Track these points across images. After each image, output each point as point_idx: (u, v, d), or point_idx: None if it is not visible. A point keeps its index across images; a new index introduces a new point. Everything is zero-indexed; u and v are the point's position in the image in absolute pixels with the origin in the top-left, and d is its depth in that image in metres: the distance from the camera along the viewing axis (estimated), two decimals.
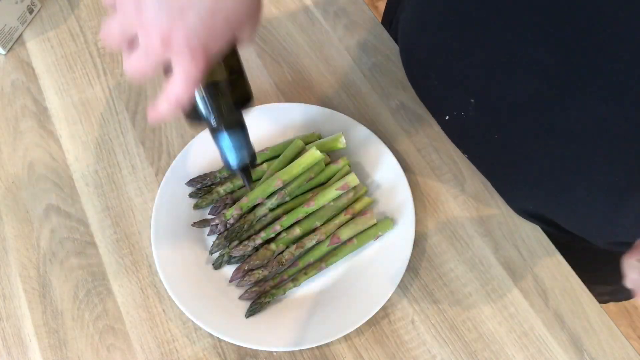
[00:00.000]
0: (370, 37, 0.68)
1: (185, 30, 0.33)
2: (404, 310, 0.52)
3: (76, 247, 0.56)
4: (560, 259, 0.55)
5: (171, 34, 0.32)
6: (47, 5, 0.71)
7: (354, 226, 0.54)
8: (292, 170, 0.55)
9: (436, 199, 0.58)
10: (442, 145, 0.61)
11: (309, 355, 0.51)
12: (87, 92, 0.65)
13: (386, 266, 0.52)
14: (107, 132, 0.62)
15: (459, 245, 0.55)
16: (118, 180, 0.59)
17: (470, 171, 0.59)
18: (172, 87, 0.35)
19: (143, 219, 0.57)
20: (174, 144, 0.61)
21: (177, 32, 0.32)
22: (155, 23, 0.32)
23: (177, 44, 0.33)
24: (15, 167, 0.60)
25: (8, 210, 0.58)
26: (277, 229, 0.54)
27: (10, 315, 0.53)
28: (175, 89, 0.35)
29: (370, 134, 0.59)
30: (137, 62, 0.34)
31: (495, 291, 0.53)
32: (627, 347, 0.51)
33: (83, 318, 0.53)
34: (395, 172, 0.57)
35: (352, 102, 0.63)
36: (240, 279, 0.52)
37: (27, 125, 0.63)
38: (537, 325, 0.52)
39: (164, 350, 0.51)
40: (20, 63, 0.67)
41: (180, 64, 0.34)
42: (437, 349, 0.51)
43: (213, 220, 0.54)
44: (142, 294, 0.54)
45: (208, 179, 0.57)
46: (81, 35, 0.68)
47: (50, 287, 0.54)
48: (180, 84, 0.34)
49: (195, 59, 0.34)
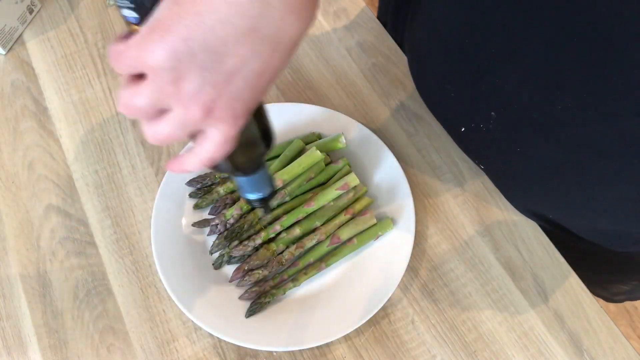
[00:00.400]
0: (370, 37, 0.68)
1: (230, 98, 0.30)
2: (404, 310, 0.52)
3: (76, 247, 0.56)
4: (560, 259, 0.55)
5: (214, 104, 0.29)
6: (47, 5, 0.71)
7: (354, 226, 0.54)
8: (292, 170, 0.55)
9: (436, 199, 0.58)
10: (442, 145, 0.61)
11: (309, 355, 0.51)
12: (87, 92, 0.65)
13: (386, 266, 0.52)
14: (107, 132, 0.62)
15: (459, 245, 0.55)
16: (118, 180, 0.59)
17: (470, 171, 0.59)
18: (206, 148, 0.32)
19: (143, 219, 0.57)
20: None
21: (221, 101, 0.29)
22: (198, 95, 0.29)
23: (219, 112, 0.30)
24: (15, 167, 0.60)
25: (8, 210, 0.58)
26: (277, 229, 0.54)
27: (10, 315, 0.53)
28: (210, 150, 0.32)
29: (370, 134, 0.59)
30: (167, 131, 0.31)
31: (495, 291, 0.53)
32: (627, 347, 0.51)
33: (83, 318, 0.53)
34: (395, 172, 0.57)
35: (352, 102, 0.63)
36: (240, 279, 0.52)
37: (27, 125, 0.63)
38: (537, 325, 0.52)
39: (164, 350, 0.51)
40: (20, 63, 0.67)
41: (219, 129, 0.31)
42: (437, 349, 0.51)
43: (213, 220, 0.54)
44: (142, 294, 0.54)
45: (208, 179, 0.57)
46: (81, 35, 0.68)
47: (50, 287, 0.54)
48: (216, 146, 0.31)
49: (236, 123, 0.31)
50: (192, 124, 0.30)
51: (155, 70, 0.28)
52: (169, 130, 0.31)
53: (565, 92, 0.39)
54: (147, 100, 0.29)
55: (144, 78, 0.29)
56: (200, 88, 0.29)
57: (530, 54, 0.40)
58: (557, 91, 0.40)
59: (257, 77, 0.30)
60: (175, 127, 0.30)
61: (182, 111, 0.30)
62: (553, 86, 0.40)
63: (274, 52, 0.30)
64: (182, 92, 0.29)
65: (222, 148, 0.32)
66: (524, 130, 0.45)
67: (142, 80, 0.29)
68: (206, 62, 0.28)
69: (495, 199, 0.58)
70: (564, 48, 0.37)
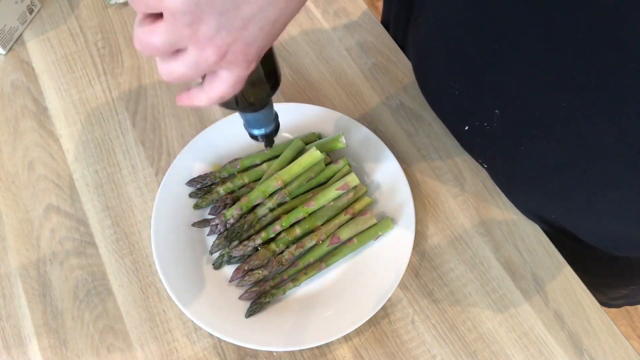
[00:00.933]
0: (370, 37, 0.68)
1: (244, 43, 0.31)
2: (404, 310, 0.52)
3: (76, 247, 0.56)
4: (560, 259, 0.55)
5: (229, 48, 0.31)
6: (47, 5, 0.71)
7: (354, 226, 0.54)
8: (292, 170, 0.55)
9: (436, 199, 0.58)
10: (442, 145, 0.61)
11: (309, 355, 0.51)
12: (87, 92, 0.65)
13: (386, 266, 0.52)
14: (107, 132, 0.62)
15: (459, 245, 0.55)
16: (118, 180, 0.59)
17: (470, 171, 0.59)
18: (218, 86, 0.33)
19: (143, 219, 0.57)
20: (174, 144, 0.61)
21: (235, 45, 0.31)
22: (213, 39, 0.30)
23: (233, 56, 0.31)
24: (15, 167, 0.60)
25: (8, 210, 0.58)
26: (277, 229, 0.54)
27: (10, 315, 0.53)
28: (221, 89, 0.33)
29: (370, 134, 0.59)
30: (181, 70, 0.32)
31: (495, 291, 0.53)
32: (627, 347, 0.51)
33: (83, 318, 0.53)
34: (395, 172, 0.57)
35: (352, 102, 0.63)
36: (240, 279, 0.52)
37: (27, 125, 0.63)
38: (537, 325, 0.52)
39: (164, 350, 0.51)
40: (20, 63, 0.67)
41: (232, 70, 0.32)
42: (437, 349, 0.51)
43: (213, 220, 0.54)
44: (142, 294, 0.54)
45: (208, 179, 0.57)
46: (81, 35, 0.68)
47: (50, 287, 0.54)
48: (228, 85, 0.33)
49: (248, 67, 0.32)
50: (205, 66, 0.31)
51: (174, 12, 0.29)
52: (183, 70, 0.32)
53: (568, 89, 0.39)
54: (163, 40, 0.30)
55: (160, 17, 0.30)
56: (216, 32, 0.30)
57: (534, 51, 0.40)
58: (560, 89, 0.40)
59: (272, 24, 0.31)
60: (189, 67, 0.31)
61: (197, 53, 0.31)
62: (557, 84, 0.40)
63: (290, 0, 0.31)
64: (198, 34, 0.30)
65: (233, 89, 0.33)
66: (528, 129, 0.45)
67: (158, 19, 0.30)
68: (224, 8, 0.29)
69: (495, 199, 0.58)
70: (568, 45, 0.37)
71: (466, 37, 0.45)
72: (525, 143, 0.46)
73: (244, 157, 0.58)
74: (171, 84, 0.65)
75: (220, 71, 0.32)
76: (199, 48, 0.30)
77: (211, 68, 0.32)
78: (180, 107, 0.63)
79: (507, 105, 0.45)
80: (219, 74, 0.33)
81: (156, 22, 0.30)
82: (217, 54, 0.31)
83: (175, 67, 0.32)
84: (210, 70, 0.32)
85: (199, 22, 0.29)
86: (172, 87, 0.65)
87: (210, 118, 0.63)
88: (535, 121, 0.44)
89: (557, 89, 0.40)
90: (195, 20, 0.29)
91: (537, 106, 0.43)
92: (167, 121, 0.62)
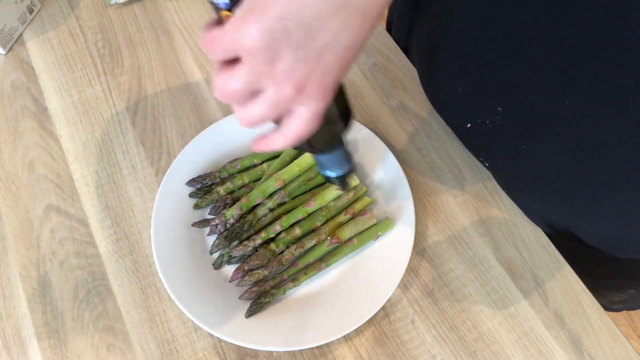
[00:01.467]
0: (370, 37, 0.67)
1: (321, 74, 0.30)
2: (404, 310, 0.52)
3: (76, 247, 0.56)
4: (560, 259, 0.55)
5: (306, 81, 0.30)
6: (47, 5, 0.71)
7: (354, 226, 0.54)
8: (292, 170, 0.55)
9: (436, 198, 0.58)
10: (442, 145, 0.61)
11: (309, 355, 0.51)
12: (87, 92, 0.65)
13: (386, 266, 0.52)
14: (107, 132, 0.62)
15: (459, 245, 0.55)
16: (118, 180, 0.59)
17: (470, 171, 0.59)
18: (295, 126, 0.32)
19: (143, 219, 0.57)
20: (174, 144, 0.61)
21: (313, 77, 0.30)
22: (291, 74, 0.29)
23: (310, 90, 0.30)
24: (15, 167, 0.60)
25: (8, 210, 0.58)
26: (277, 229, 0.54)
27: (10, 315, 0.53)
28: (298, 128, 0.32)
29: (370, 134, 0.59)
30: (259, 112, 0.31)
31: (495, 291, 0.53)
32: (627, 347, 0.51)
33: (83, 318, 0.53)
34: (395, 172, 0.57)
35: (352, 102, 0.63)
36: (240, 279, 0.52)
37: (27, 125, 0.63)
38: (537, 325, 0.52)
39: (164, 350, 0.51)
40: (20, 63, 0.67)
41: (308, 105, 0.31)
42: (437, 349, 0.51)
43: (213, 220, 0.54)
44: (142, 294, 0.54)
45: (208, 179, 0.57)
46: (81, 35, 0.69)
47: (50, 287, 0.54)
48: (304, 124, 0.32)
49: (325, 99, 0.32)
50: (284, 103, 0.31)
51: (252, 52, 0.28)
52: (262, 111, 0.31)
53: (572, 88, 0.39)
54: (243, 83, 0.30)
55: (237, 62, 0.30)
56: (293, 66, 0.29)
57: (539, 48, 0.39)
58: (564, 87, 0.40)
59: (346, 51, 0.30)
60: (267, 107, 0.31)
61: (275, 90, 0.30)
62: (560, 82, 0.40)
63: (363, 23, 0.30)
64: (276, 71, 0.29)
65: (310, 125, 0.32)
66: (531, 127, 0.45)
67: (235, 64, 0.30)
68: (300, 40, 0.29)
69: (495, 199, 0.58)
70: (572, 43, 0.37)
71: (471, 34, 0.45)
72: (528, 141, 0.46)
73: (244, 157, 0.58)
74: (173, 88, 0.65)
75: (297, 108, 0.32)
76: (277, 85, 0.30)
77: (289, 105, 0.31)
78: (181, 107, 0.63)
79: (510, 102, 0.45)
80: (295, 111, 0.32)
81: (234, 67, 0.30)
82: (295, 89, 0.30)
83: (254, 110, 0.31)
84: (287, 108, 0.31)
85: (276, 57, 0.29)
86: (172, 87, 0.65)
87: (210, 118, 0.63)
88: (538, 119, 0.44)
89: (561, 87, 0.40)
90: (273, 57, 0.29)
91: (540, 104, 0.42)
92: (167, 121, 0.62)
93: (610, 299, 0.69)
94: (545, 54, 0.39)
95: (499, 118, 0.47)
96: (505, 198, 0.58)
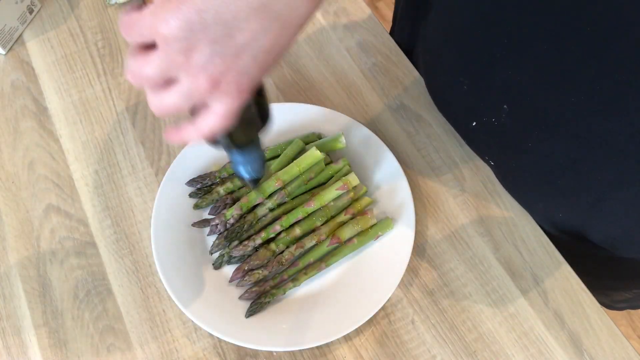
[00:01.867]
0: (370, 37, 0.68)
1: (237, 72, 0.31)
2: (404, 310, 0.52)
3: (76, 247, 0.56)
4: (560, 259, 0.55)
5: (222, 78, 0.30)
6: (47, 5, 0.71)
7: (354, 226, 0.54)
8: (292, 170, 0.55)
9: (436, 199, 0.58)
10: (442, 145, 0.61)
11: (309, 355, 0.51)
12: (87, 92, 0.65)
13: (386, 266, 0.52)
14: (107, 132, 0.62)
15: (459, 245, 0.55)
16: (118, 180, 0.59)
17: (470, 171, 0.59)
18: (208, 121, 0.32)
19: (143, 219, 0.57)
20: (175, 145, 0.61)
21: (228, 75, 0.30)
22: (206, 67, 0.30)
23: (225, 86, 0.31)
24: (15, 167, 0.60)
25: (8, 210, 0.58)
26: (277, 229, 0.54)
27: (10, 315, 0.53)
28: (211, 123, 0.32)
29: (370, 134, 0.59)
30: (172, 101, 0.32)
31: (495, 291, 0.53)
32: (627, 347, 0.51)
33: (83, 318, 0.53)
34: (395, 172, 0.57)
35: (352, 102, 0.63)
36: (240, 279, 0.52)
37: (27, 125, 0.63)
38: (537, 325, 0.52)
39: (164, 350, 0.51)
40: (20, 63, 0.67)
41: (223, 102, 0.32)
42: (437, 349, 0.51)
43: (213, 220, 0.54)
44: (142, 294, 0.54)
45: (208, 179, 0.57)
46: (81, 35, 0.69)
47: (50, 287, 0.54)
48: (217, 119, 0.32)
49: (240, 97, 0.32)
50: (197, 95, 0.31)
51: (168, 40, 0.29)
52: (175, 101, 0.31)
53: (577, 86, 0.39)
54: (157, 70, 0.30)
55: (153, 48, 0.30)
56: (209, 60, 0.30)
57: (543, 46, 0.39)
58: (569, 85, 0.40)
59: (265, 54, 0.31)
60: (181, 97, 0.31)
61: (189, 81, 0.30)
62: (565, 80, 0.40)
63: (283, 29, 0.31)
64: (191, 62, 0.30)
65: (223, 121, 0.32)
66: (536, 125, 0.45)
67: (151, 50, 0.30)
68: (217, 35, 0.29)
69: (495, 199, 0.58)
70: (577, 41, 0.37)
71: (475, 31, 0.45)
72: (533, 139, 0.46)
73: None
74: None
75: (212, 103, 0.32)
76: (191, 76, 0.30)
77: (203, 98, 0.31)
78: None
79: (515, 100, 0.45)
80: (210, 106, 0.32)
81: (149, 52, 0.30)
82: (209, 83, 0.30)
83: (167, 99, 0.32)
84: (201, 101, 0.32)
85: (192, 49, 0.29)
86: None
87: None
88: (543, 117, 0.44)
89: (566, 85, 0.40)
90: (189, 47, 0.29)
91: (546, 102, 0.42)
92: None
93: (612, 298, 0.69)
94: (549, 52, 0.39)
95: (505, 116, 0.47)
96: (506, 198, 0.58)
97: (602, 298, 0.55)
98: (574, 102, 0.40)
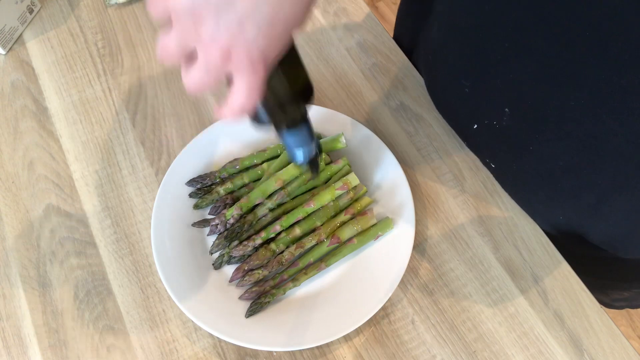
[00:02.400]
0: (370, 37, 0.68)
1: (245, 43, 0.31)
2: (404, 310, 0.52)
3: (76, 247, 0.56)
4: (560, 259, 0.55)
5: (231, 49, 0.31)
6: (47, 5, 0.71)
7: (354, 226, 0.54)
8: (292, 170, 0.55)
9: (436, 199, 0.58)
10: (442, 145, 0.61)
11: (309, 355, 0.51)
12: (87, 92, 0.65)
13: (386, 266, 0.52)
14: (107, 132, 0.62)
15: (459, 245, 0.55)
16: (118, 180, 0.59)
17: (470, 171, 0.59)
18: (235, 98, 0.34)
19: (143, 219, 0.57)
20: (174, 144, 0.61)
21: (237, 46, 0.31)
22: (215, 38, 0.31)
23: (237, 58, 0.32)
24: (15, 167, 0.60)
25: (8, 210, 0.58)
26: (277, 229, 0.54)
27: (10, 315, 0.53)
28: (238, 100, 0.33)
29: (370, 134, 0.59)
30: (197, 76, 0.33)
31: (495, 291, 0.53)
32: (627, 347, 0.51)
33: (83, 318, 0.53)
34: (395, 172, 0.57)
35: (352, 102, 0.63)
36: (240, 279, 0.52)
37: (27, 125, 0.63)
38: (537, 325, 0.52)
39: (164, 350, 0.51)
40: (20, 63, 0.67)
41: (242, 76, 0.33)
42: (437, 349, 0.51)
43: (213, 220, 0.54)
44: (142, 294, 0.54)
45: (208, 179, 0.57)
46: (81, 35, 0.69)
47: (50, 287, 0.54)
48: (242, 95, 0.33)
49: (256, 70, 0.32)
50: (214, 68, 0.32)
51: (178, 13, 0.31)
52: (199, 75, 0.33)
53: (579, 88, 0.39)
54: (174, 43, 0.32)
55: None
56: (216, 30, 0.31)
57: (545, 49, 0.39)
58: (570, 87, 0.40)
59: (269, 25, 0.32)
60: (201, 71, 0.32)
61: (204, 54, 0.32)
62: (567, 82, 0.40)
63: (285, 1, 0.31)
64: (201, 34, 0.31)
65: (249, 96, 0.33)
66: (538, 127, 0.45)
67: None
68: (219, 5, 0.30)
69: (495, 199, 0.58)
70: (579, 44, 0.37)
71: (478, 33, 0.45)
72: (535, 142, 0.46)
73: (244, 157, 0.58)
74: (173, 88, 0.65)
75: (235, 80, 0.33)
76: (204, 50, 0.31)
77: (220, 70, 0.32)
78: (181, 107, 0.63)
79: (517, 103, 0.45)
80: (235, 83, 0.33)
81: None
82: (220, 54, 0.31)
83: (192, 74, 0.33)
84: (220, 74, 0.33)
85: (199, 21, 0.30)
86: (172, 86, 0.65)
87: (210, 118, 0.63)
88: (545, 120, 0.44)
89: (567, 87, 0.40)
90: (196, 20, 0.30)
91: (548, 105, 0.42)
92: (167, 121, 0.62)
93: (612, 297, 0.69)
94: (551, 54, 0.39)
95: (506, 119, 0.47)
96: (506, 198, 0.58)
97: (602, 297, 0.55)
98: (576, 105, 0.40)
